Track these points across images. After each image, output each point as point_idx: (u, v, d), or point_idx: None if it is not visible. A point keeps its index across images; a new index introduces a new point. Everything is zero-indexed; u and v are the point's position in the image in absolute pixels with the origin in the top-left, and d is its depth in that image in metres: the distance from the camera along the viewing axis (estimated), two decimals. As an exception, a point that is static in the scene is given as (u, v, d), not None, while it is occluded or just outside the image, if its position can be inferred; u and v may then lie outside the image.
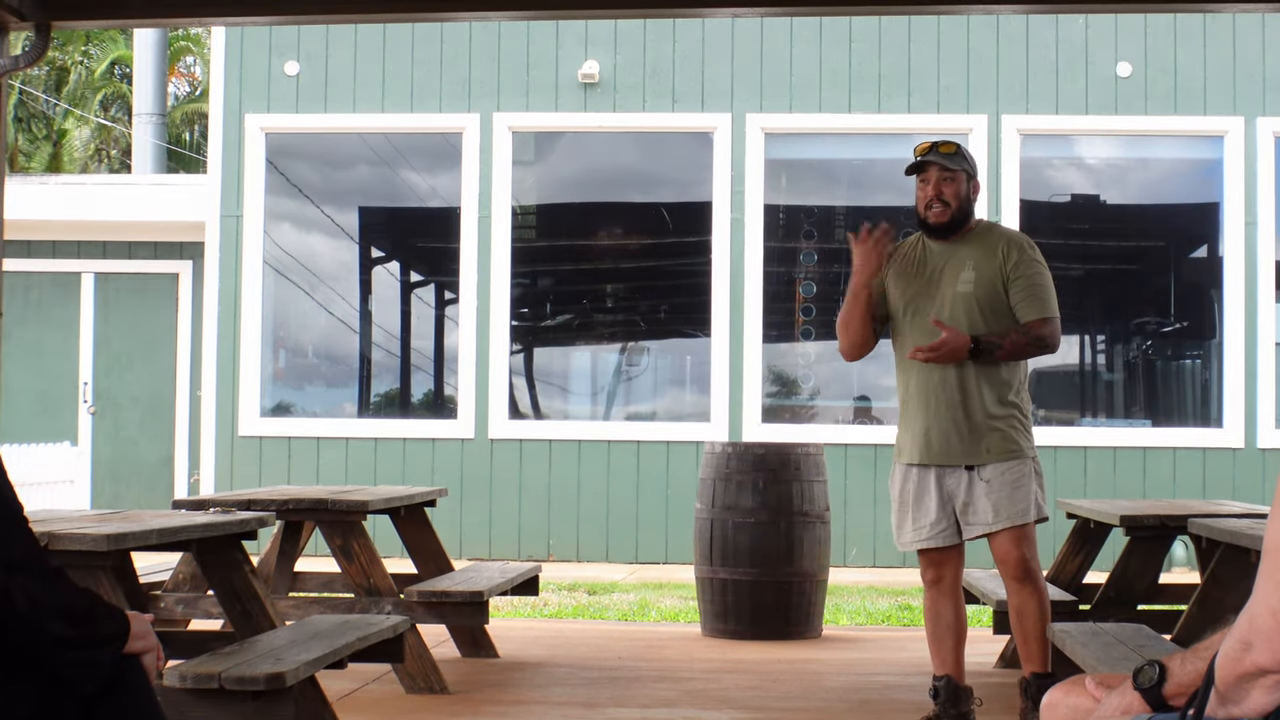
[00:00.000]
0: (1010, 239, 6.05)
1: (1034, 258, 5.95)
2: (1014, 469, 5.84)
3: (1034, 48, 13.27)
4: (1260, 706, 2.19)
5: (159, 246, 15.67)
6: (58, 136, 28.40)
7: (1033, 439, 5.94)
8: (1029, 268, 5.93)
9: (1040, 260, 5.96)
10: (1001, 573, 5.96)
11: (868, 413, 13.46)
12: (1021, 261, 5.93)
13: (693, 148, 13.57)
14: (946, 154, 5.97)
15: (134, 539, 5.01)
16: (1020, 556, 5.86)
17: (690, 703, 6.62)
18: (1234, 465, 12.98)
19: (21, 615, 3.00)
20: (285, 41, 13.55)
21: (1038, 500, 5.87)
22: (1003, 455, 5.83)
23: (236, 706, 4.63)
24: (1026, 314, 5.88)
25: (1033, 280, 5.93)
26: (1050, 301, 5.92)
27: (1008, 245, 5.98)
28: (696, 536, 8.77)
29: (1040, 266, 5.95)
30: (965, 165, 5.98)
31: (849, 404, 13.64)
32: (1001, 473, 5.83)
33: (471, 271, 13.44)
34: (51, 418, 15.51)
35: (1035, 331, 5.88)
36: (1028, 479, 5.85)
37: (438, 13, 8.34)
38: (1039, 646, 5.86)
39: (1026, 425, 5.92)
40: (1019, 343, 5.86)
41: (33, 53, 7.38)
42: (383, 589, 6.87)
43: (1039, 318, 5.89)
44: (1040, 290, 5.93)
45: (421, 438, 13.39)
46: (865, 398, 13.51)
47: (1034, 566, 5.89)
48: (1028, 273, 5.92)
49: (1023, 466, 5.86)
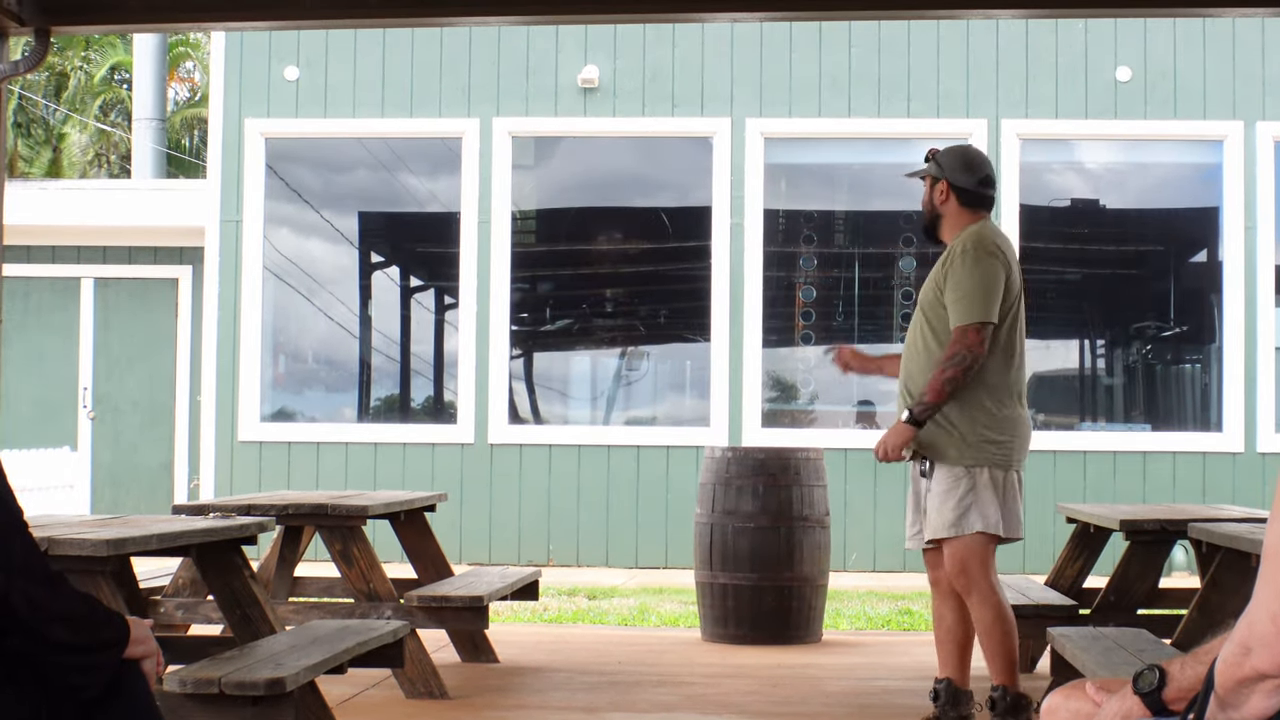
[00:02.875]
0: (959, 241, 5.80)
1: (965, 261, 5.67)
2: (949, 477, 5.70)
3: (1033, 52, 13.27)
4: (1260, 711, 2.19)
5: (159, 251, 15.67)
6: (57, 141, 28.40)
7: (994, 449, 5.66)
8: (955, 273, 5.69)
9: (973, 259, 5.65)
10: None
11: (871, 418, 13.46)
12: (952, 267, 5.72)
13: (692, 152, 13.57)
14: (925, 162, 5.95)
15: (134, 544, 5.01)
16: (954, 571, 5.73)
17: (690, 708, 6.62)
18: (1234, 469, 12.98)
19: (21, 620, 3.00)
20: (285, 46, 13.55)
21: (978, 514, 5.65)
22: (942, 461, 5.71)
23: (236, 711, 4.63)
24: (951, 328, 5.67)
25: (954, 286, 5.67)
26: (962, 307, 5.63)
27: (950, 251, 5.79)
28: (696, 541, 8.77)
29: (967, 268, 5.65)
30: (931, 168, 5.89)
31: (849, 409, 13.64)
32: (939, 480, 5.72)
33: (471, 276, 13.44)
34: (51, 423, 15.51)
35: (945, 356, 5.60)
36: (962, 490, 5.67)
37: (437, 17, 8.35)
38: (997, 661, 5.73)
39: (979, 433, 5.66)
40: (936, 381, 5.60)
41: (32, 58, 7.38)
42: (383, 594, 6.87)
43: (952, 331, 5.66)
44: (957, 298, 5.65)
45: (421, 443, 13.39)
46: (869, 402, 13.51)
47: (966, 582, 5.71)
48: (953, 279, 5.69)
49: (957, 475, 5.68)
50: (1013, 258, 5.87)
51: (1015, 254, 5.95)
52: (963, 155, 5.97)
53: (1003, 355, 5.74)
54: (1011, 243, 6.00)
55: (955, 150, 6.01)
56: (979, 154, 6.03)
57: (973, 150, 6.06)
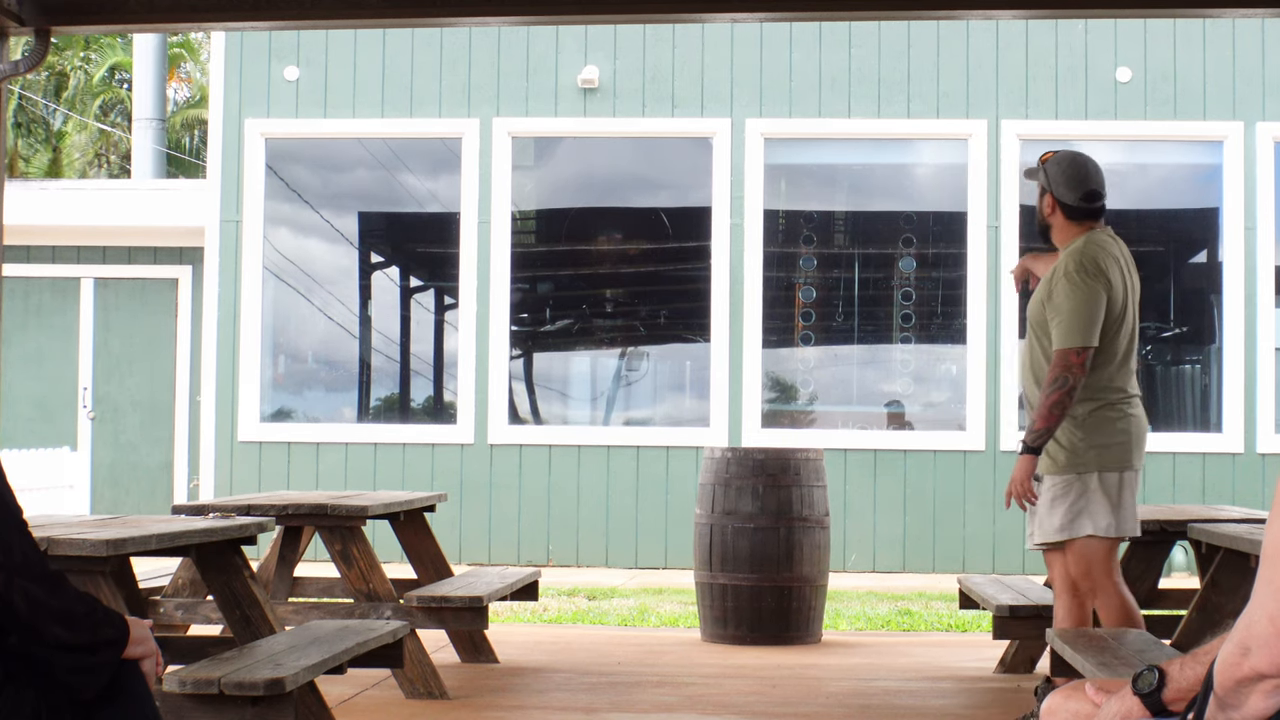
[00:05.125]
0: (1063, 260, 5.83)
1: (1066, 281, 5.74)
2: (1059, 483, 5.78)
3: (1033, 53, 13.27)
4: (1259, 712, 2.19)
5: (159, 251, 15.67)
6: (57, 141, 28.41)
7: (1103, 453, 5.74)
8: (1056, 295, 5.76)
9: (1073, 283, 5.72)
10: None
11: (900, 418, 13.42)
12: (1055, 286, 5.78)
13: (692, 153, 13.57)
14: (1031, 170, 5.97)
15: (133, 544, 5.01)
16: (1078, 574, 5.82)
17: (690, 708, 6.61)
18: (1234, 470, 12.98)
19: (21, 620, 3.00)
20: (285, 46, 13.55)
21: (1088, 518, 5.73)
22: (1052, 468, 5.79)
23: (236, 712, 4.63)
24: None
25: (1055, 310, 5.76)
26: (1060, 331, 5.71)
27: (1055, 269, 5.82)
28: (696, 541, 8.77)
29: (1065, 289, 5.72)
30: (1039, 179, 5.92)
31: (848, 409, 13.63)
32: (1048, 486, 5.79)
33: (471, 276, 13.44)
34: (51, 423, 15.51)
35: (1048, 379, 5.70)
36: (1073, 496, 5.74)
37: (437, 17, 8.35)
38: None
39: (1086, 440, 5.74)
40: (1043, 407, 5.70)
41: (32, 58, 7.38)
42: (382, 594, 6.87)
43: (1053, 353, 5.74)
44: (1057, 322, 5.74)
45: (421, 443, 13.39)
46: (898, 403, 13.45)
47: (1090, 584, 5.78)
48: (1053, 302, 5.76)
49: (1068, 481, 5.75)
50: (1118, 266, 5.84)
51: (1124, 258, 5.90)
52: (1069, 169, 5.90)
53: (1105, 359, 5.79)
54: (1122, 247, 5.94)
55: (1063, 161, 5.93)
56: (1085, 166, 5.93)
57: (1080, 161, 5.95)
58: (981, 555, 12.92)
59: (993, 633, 7.02)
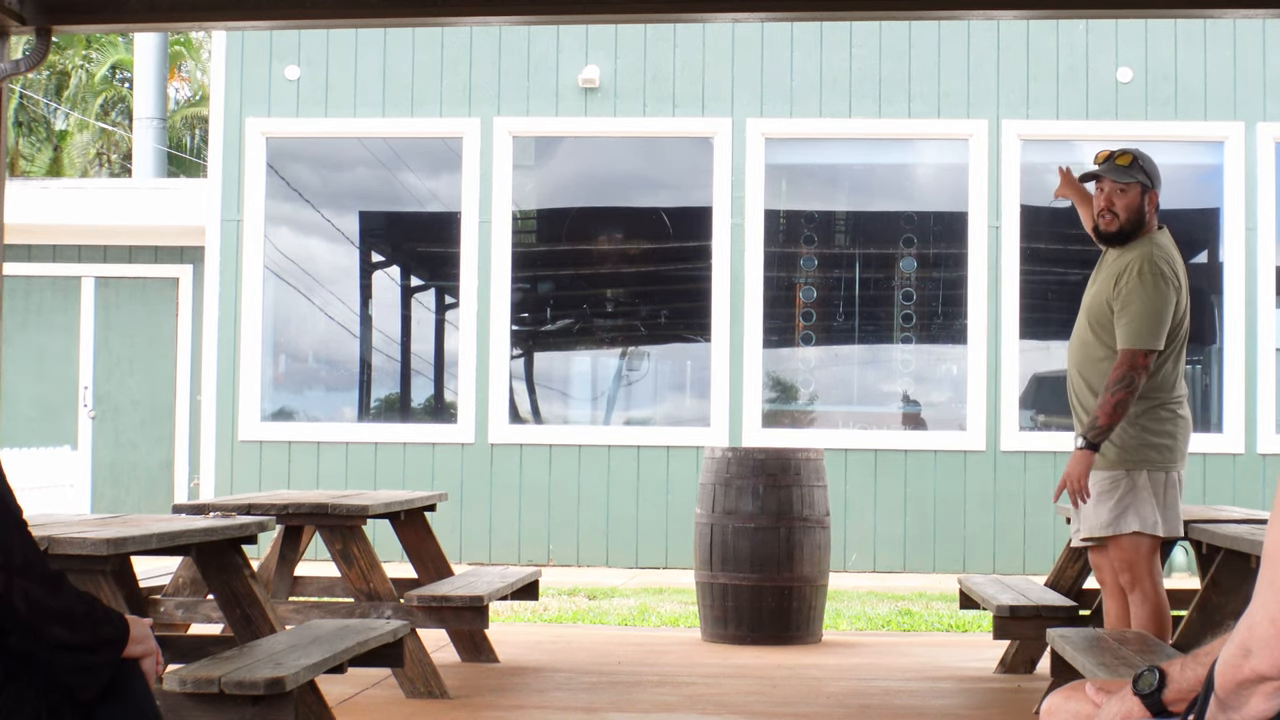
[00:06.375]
0: (1137, 258, 5.84)
1: (1140, 281, 5.76)
2: (1107, 479, 5.80)
3: (1034, 53, 13.27)
4: (1260, 713, 2.18)
5: (159, 250, 15.67)
6: (58, 140, 28.41)
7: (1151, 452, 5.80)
8: (1129, 292, 5.77)
9: (1149, 283, 5.74)
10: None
11: (916, 418, 13.42)
12: (1127, 285, 5.79)
13: (693, 153, 13.57)
14: (1121, 166, 5.90)
15: (134, 543, 5.01)
16: (1120, 569, 5.82)
17: (690, 708, 6.61)
18: (1234, 470, 12.98)
19: (21, 619, 3.00)
20: (286, 46, 13.55)
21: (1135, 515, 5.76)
22: (1101, 464, 5.79)
23: (236, 711, 4.63)
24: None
25: (1124, 307, 5.78)
26: (1130, 331, 5.74)
27: (1129, 266, 5.82)
28: (697, 541, 8.77)
29: (1139, 289, 5.75)
30: (1140, 177, 5.88)
31: (848, 409, 13.63)
32: (1097, 482, 5.80)
33: (472, 276, 13.44)
34: (52, 422, 15.51)
35: (1113, 378, 5.72)
36: (1120, 491, 5.77)
37: (438, 17, 8.35)
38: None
39: (1138, 438, 5.78)
40: (1107, 405, 5.71)
41: (33, 57, 7.38)
42: (383, 593, 6.87)
43: (1119, 350, 5.76)
44: (1126, 319, 5.76)
45: (422, 442, 13.39)
46: (915, 402, 13.45)
47: (1130, 579, 5.80)
48: (1125, 298, 5.78)
49: (1116, 478, 5.77)
50: (1182, 273, 5.93)
51: (1182, 264, 5.97)
52: (1155, 164, 5.96)
53: (1162, 360, 5.83)
54: (1179, 252, 5.99)
55: (1148, 158, 5.96)
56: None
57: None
58: (982, 555, 12.92)
59: (993, 633, 7.02)
